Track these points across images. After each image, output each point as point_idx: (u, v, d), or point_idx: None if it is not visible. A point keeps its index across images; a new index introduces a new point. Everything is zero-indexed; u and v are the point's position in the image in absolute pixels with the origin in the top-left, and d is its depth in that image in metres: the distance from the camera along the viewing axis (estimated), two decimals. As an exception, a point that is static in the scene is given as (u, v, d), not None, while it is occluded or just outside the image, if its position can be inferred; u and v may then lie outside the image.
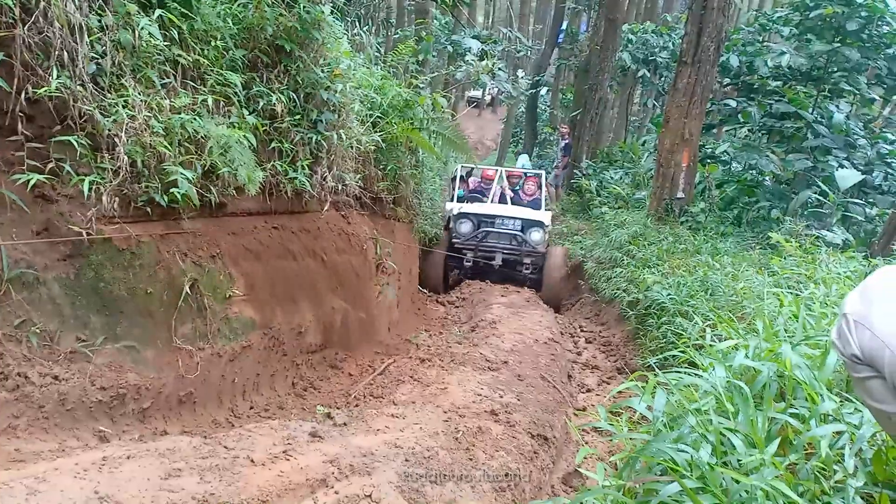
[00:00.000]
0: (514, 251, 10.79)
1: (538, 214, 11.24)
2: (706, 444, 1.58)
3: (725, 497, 1.46)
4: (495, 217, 10.95)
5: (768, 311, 3.37)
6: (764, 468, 1.49)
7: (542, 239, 10.82)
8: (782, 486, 1.38)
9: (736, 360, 1.91)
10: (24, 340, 3.49)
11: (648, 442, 1.73)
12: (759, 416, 1.67)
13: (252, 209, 5.09)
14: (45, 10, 3.55)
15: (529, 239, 10.74)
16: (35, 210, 3.65)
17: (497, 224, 10.87)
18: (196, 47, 4.50)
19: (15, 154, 3.56)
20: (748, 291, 5.60)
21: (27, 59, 3.52)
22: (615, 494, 1.74)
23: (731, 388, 1.77)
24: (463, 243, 10.79)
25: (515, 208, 11.41)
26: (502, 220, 10.91)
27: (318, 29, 5.36)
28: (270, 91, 5.07)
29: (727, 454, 1.60)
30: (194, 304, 4.40)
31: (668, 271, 7.77)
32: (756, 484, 1.40)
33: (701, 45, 9.89)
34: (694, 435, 1.66)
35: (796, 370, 1.96)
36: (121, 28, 3.93)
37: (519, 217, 10.96)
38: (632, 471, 1.79)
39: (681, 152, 10.43)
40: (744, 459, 1.53)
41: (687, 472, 1.54)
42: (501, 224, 10.88)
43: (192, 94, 4.35)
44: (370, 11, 17.01)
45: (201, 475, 2.87)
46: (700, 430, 1.65)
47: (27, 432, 3.32)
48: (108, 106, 3.84)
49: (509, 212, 11.12)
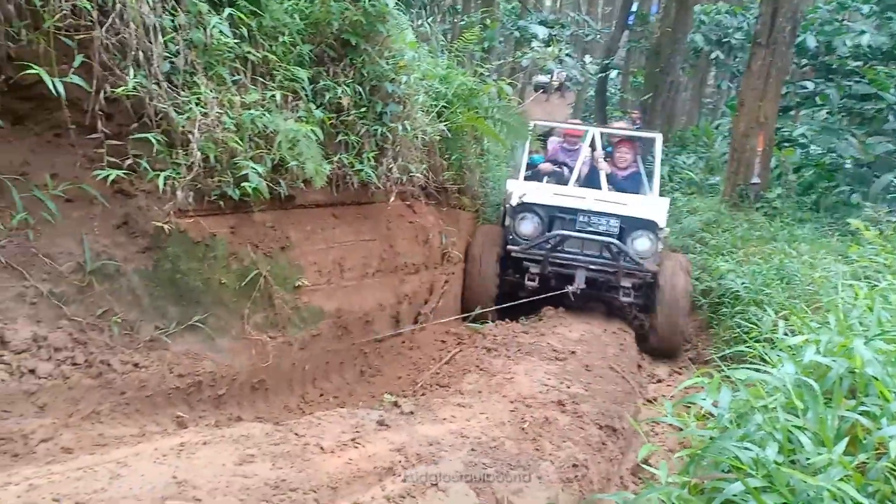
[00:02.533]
0: (605, 267, 6.95)
1: (646, 207, 7.25)
2: (773, 442, 1.55)
3: (792, 497, 1.42)
4: (578, 212, 7.08)
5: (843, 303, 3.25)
6: (831, 468, 1.44)
7: (652, 249, 6.91)
8: (848, 487, 1.34)
9: (806, 356, 1.86)
10: (107, 329, 3.66)
11: (713, 439, 1.71)
12: (829, 414, 1.62)
13: (320, 201, 5.18)
14: (122, 12, 3.68)
15: (633, 249, 6.89)
16: (115, 205, 3.81)
17: (581, 224, 7.04)
18: (264, 44, 4.60)
19: (96, 151, 3.72)
20: (825, 281, 5.42)
21: (105, 59, 3.66)
22: (680, 492, 1.72)
23: (801, 384, 1.72)
24: (524, 252, 7.07)
25: (612, 197, 7.45)
26: (589, 218, 7.04)
27: (383, 22, 5.41)
28: (336, 85, 5.14)
29: (795, 452, 1.56)
30: (265, 294, 4.52)
31: (743, 259, 7.59)
32: (822, 485, 1.36)
33: (776, 26, 9.55)
34: (761, 433, 1.63)
35: (868, 367, 1.89)
36: (193, 27, 4.05)
37: (616, 214, 7.03)
38: (697, 468, 1.77)
39: (756, 136, 10.13)
40: (812, 458, 1.49)
41: (752, 470, 1.51)
42: (587, 223, 7.03)
43: (261, 89, 4.45)
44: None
45: (273, 461, 2.96)
46: (767, 427, 1.62)
47: (110, 417, 3.48)
48: (181, 103, 3.96)
49: (601, 205, 7.13)
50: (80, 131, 3.66)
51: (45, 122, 3.64)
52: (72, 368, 3.42)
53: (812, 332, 2.36)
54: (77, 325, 3.54)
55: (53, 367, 3.34)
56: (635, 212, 7.07)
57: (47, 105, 3.56)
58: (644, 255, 6.88)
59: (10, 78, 3.43)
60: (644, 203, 7.40)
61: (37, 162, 3.60)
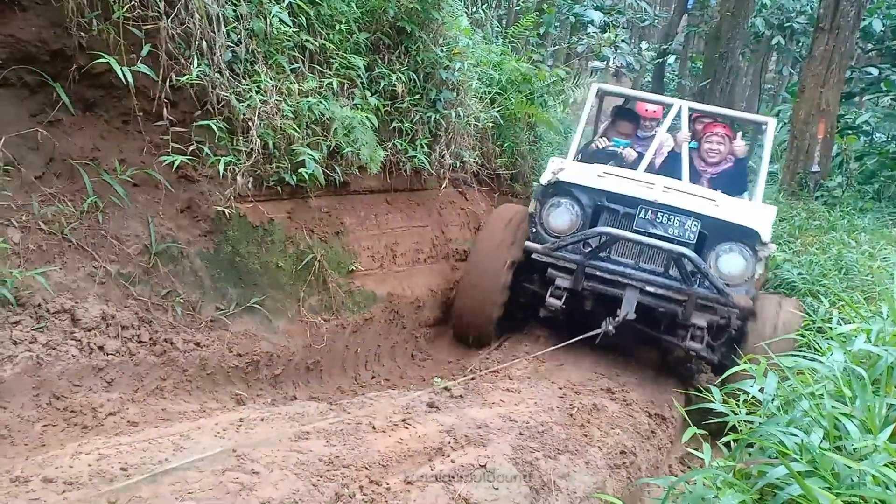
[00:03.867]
0: (669, 292, 4.82)
1: (744, 210, 4.96)
2: (818, 428, 1.56)
3: (836, 481, 1.44)
4: (639, 204, 4.92)
5: (898, 293, 3.21)
6: (876, 454, 1.46)
7: (747, 273, 4.77)
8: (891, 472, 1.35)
9: (856, 345, 1.86)
10: (170, 309, 3.82)
11: (759, 425, 1.73)
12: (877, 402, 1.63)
13: (374, 187, 5.28)
14: (187, 3, 3.81)
15: (716, 270, 4.78)
16: (179, 189, 3.96)
17: (641, 222, 4.90)
18: (322, 32, 4.69)
19: (161, 137, 3.87)
20: (884, 271, 5.30)
21: (171, 49, 3.80)
22: (725, 476, 1.75)
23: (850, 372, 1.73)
24: (550, 254, 5.02)
25: (694, 189, 5.09)
26: (655, 215, 4.88)
27: (438, 9, 5.46)
28: (391, 72, 5.22)
29: (841, 439, 1.58)
30: (320, 278, 4.64)
31: (801, 249, 7.43)
32: (865, 469, 1.38)
33: (840, 10, 9.28)
34: (807, 419, 1.64)
35: (919, 355, 1.88)
36: (254, 17, 4.17)
37: (698, 213, 4.84)
38: (744, 453, 1.80)
39: (816, 123, 9.88)
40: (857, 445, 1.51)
41: (797, 455, 1.53)
42: (650, 223, 4.88)
43: (318, 77, 4.55)
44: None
45: (327, 439, 3.06)
46: (813, 414, 1.63)
47: (173, 394, 3.64)
48: (242, 91, 4.09)
49: (675, 197, 4.91)
50: (147, 118, 3.81)
51: (113, 109, 3.80)
52: (137, 346, 3.59)
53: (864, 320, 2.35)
54: (143, 305, 3.70)
55: (120, 344, 3.51)
56: (727, 214, 4.72)
57: (116, 93, 3.72)
58: (733, 281, 4.67)
59: (81, 67, 3.59)
60: (741, 206, 5.03)
61: (106, 148, 3.77)
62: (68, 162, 3.61)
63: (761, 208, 5.10)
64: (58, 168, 3.61)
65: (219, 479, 2.54)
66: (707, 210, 4.79)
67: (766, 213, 4.96)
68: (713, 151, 5.71)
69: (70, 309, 3.37)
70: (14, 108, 3.51)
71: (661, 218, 4.84)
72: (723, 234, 4.74)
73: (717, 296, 4.68)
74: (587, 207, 5.05)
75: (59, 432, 3.01)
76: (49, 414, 3.08)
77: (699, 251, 4.77)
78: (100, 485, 2.37)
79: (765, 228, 4.73)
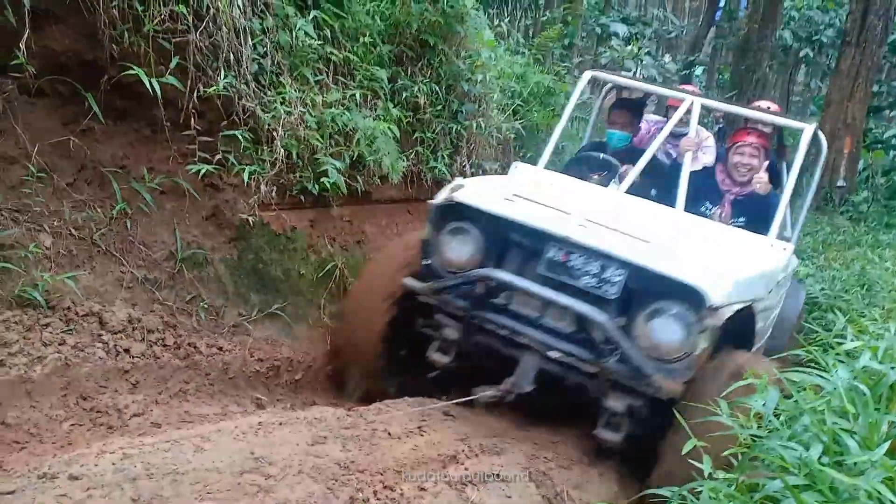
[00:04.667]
0: (576, 362, 3.44)
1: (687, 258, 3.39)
2: (818, 443, 1.60)
3: (834, 496, 1.47)
4: (548, 240, 3.51)
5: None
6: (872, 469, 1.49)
7: (684, 346, 3.26)
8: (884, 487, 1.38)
9: (860, 362, 1.89)
10: (195, 314, 3.91)
11: (761, 438, 1.77)
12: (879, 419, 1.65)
13: (395, 197, 5.36)
14: (215, 16, 3.91)
15: (644, 340, 3.34)
16: (204, 197, 4.07)
17: (548, 264, 3.50)
18: (346, 44, 4.79)
19: (188, 147, 3.98)
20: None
21: (199, 61, 3.90)
22: (727, 489, 1.79)
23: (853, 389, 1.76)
24: (433, 296, 3.75)
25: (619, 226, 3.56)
26: (567, 255, 3.47)
27: (461, 22, 5.54)
28: (414, 84, 5.30)
29: (842, 454, 1.61)
30: (341, 286, 4.72)
31: (823, 264, 7.40)
32: (858, 484, 1.41)
33: (867, 24, 9.24)
34: (808, 434, 1.68)
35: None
36: (280, 30, 4.27)
37: (621, 258, 3.36)
38: (746, 466, 1.83)
39: (843, 138, 9.82)
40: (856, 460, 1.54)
41: (796, 469, 1.57)
42: (561, 266, 3.48)
43: (342, 89, 4.65)
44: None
45: (343, 444, 3.12)
46: (814, 429, 1.67)
47: (195, 396, 3.73)
48: (267, 102, 4.19)
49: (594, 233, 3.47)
50: (175, 128, 3.92)
51: (143, 119, 3.91)
52: (162, 349, 3.69)
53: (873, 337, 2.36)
54: (168, 309, 3.80)
55: (146, 347, 3.61)
56: (662, 262, 3.28)
57: (145, 103, 3.83)
58: (665, 356, 3.29)
59: (112, 77, 3.71)
60: (692, 249, 3.58)
61: (135, 156, 3.88)
62: (99, 169, 3.73)
63: (754, 254, 3.80)
64: (89, 175, 3.73)
65: (237, 481, 2.61)
66: (636, 255, 3.31)
67: (751, 263, 3.62)
68: (743, 166, 4.42)
69: (98, 312, 3.47)
70: (48, 117, 3.64)
71: (576, 261, 3.42)
72: (657, 289, 3.26)
73: (633, 376, 3.27)
74: (491, 237, 3.66)
75: (86, 431, 3.10)
76: (76, 413, 3.17)
77: (626, 311, 3.40)
78: (123, 483, 2.45)
79: (718, 286, 3.15)
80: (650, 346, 3.29)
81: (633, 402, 3.41)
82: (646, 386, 3.27)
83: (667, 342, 3.26)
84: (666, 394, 3.22)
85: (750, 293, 3.44)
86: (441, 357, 3.82)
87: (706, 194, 4.50)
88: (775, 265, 3.89)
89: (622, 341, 3.27)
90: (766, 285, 3.69)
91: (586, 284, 3.40)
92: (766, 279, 3.70)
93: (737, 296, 3.28)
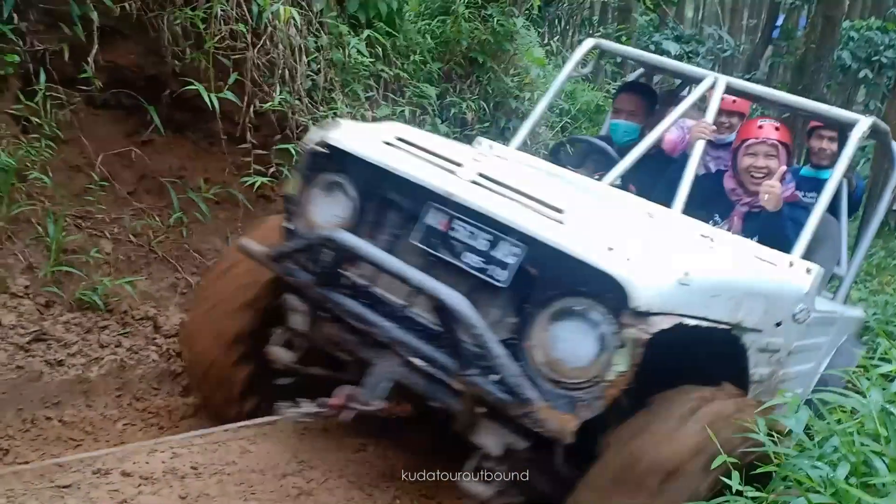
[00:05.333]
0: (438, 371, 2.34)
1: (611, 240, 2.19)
2: (845, 463, 1.60)
3: (860, 517, 1.49)
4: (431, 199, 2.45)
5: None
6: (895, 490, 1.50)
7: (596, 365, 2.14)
8: (903, 508, 1.39)
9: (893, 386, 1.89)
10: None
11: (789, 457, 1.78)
12: (912, 442, 1.66)
13: (442, 211, 5.43)
14: (272, 35, 4.06)
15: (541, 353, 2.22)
16: (257, 208, 4.20)
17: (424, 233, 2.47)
18: (397, 62, 4.90)
19: (243, 159, 4.12)
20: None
21: (255, 77, 4.05)
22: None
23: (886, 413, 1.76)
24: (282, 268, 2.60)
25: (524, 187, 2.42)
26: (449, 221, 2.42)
27: (511, 40, 5.62)
28: (462, 100, 5.39)
29: (871, 475, 1.62)
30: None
31: (877, 288, 7.23)
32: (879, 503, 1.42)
33: (929, 43, 9.00)
34: (837, 455, 1.69)
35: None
36: (333, 48, 4.40)
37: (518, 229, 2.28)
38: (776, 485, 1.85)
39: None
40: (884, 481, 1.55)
41: (822, 488, 1.58)
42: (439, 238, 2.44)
43: (391, 105, 4.75)
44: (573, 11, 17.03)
45: (385, 451, 3.19)
46: (844, 450, 1.68)
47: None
48: (320, 117, 4.31)
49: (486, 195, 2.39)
50: (231, 141, 4.07)
51: (201, 131, 4.08)
52: (213, 354, 3.80)
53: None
54: (219, 316, 3.93)
55: (197, 351, 3.73)
56: (574, 238, 2.20)
57: (204, 117, 4.00)
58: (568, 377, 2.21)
59: (173, 92, 3.88)
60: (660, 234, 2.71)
61: (192, 167, 4.05)
62: (158, 179, 3.90)
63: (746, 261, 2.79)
64: (148, 185, 3.90)
65: (280, 483, 2.70)
66: (539, 226, 2.26)
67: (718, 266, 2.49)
68: (757, 170, 3.35)
69: (153, 316, 3.61)
70: (112, 128, 3.83)
71: (460, 231, 2.40)
72: (567, 280, 2.22)
73: (507, 400, 2.17)
74: (373, 196, 2.64)
75: (137, 431, 3.22)
76: (129, 413, 3.29)
77: (521, 306, 2.32)
78: (172, 481, 2.56)
79: (650, 280, 2.09)
80: (548, 362, 2.20)
81: (514, 442, 2.34)
82: (524, 417, 2.14)
83: (571, 357, 2.17)
84: (553, 431, 2.12)
85: (724, 310, 2.31)
86: (284, 354, 2.86)
87: (716, 204, 3.54)
88: (790, 291, 2.77)
89: (490, 345, 2.14)
90: (768, 313, 2.57)
91: (469, 264, 2.35)
92: (769, 304, 2.58)
93: (689, 304, 2.17)
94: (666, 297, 2.10)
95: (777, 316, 2.67)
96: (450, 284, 2.24)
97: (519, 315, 2.32)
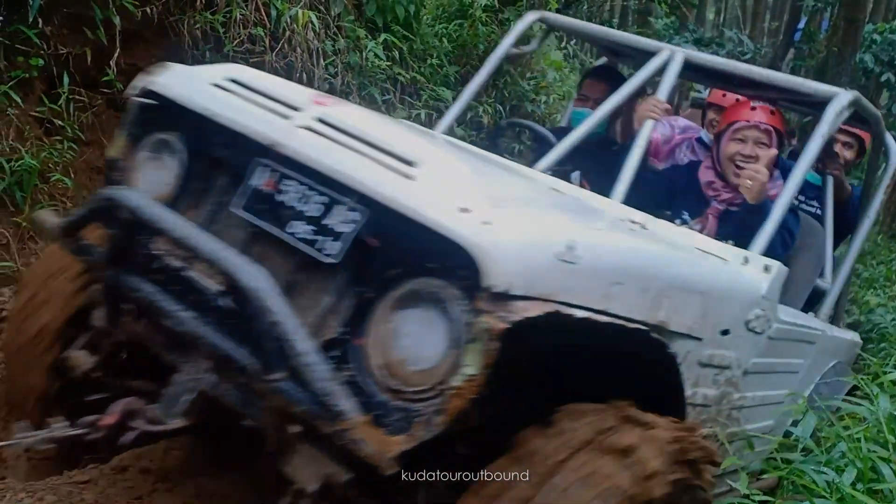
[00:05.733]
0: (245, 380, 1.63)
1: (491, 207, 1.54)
2: (852, 468, 1.62)
3: (865, 521, 1.50)
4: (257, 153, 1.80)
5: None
6: (901, 496, 1.51)
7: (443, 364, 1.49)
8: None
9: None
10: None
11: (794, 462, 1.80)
12: (918, 450, 1.67)
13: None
14: (290, 38, 4.11)
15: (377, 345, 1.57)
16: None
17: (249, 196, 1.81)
18: (414, 65, 4.94)
19: (260, 161, 4.17)
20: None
21: (273, 80, 4.10)
22: (763, 510, 1.81)
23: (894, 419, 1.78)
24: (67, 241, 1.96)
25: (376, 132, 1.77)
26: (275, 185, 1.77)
27: (526, 43, 5.62)
28: (479, 104, 5.41)
29: (878, 481, 1.63)
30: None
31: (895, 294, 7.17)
32: (884, 510, 1.44)
33: (952, 47, 8.91)
34: (843, 460, 1.70)
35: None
36: (350, 51, 4.44)
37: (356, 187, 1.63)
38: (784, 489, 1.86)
39: (922, 164, 9.48)
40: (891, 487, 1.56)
41: (827, 493, 1.59)
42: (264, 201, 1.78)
43: (407, 108, 4.79)
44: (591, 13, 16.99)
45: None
46: (851, 456, 1.69)
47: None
48: (336, 120, 4.35)
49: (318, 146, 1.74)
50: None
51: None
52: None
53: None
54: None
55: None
56: (424, 197, 1.56)
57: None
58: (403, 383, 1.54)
59: (193, 95, 3.92)
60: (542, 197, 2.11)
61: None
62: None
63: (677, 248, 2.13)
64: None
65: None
66: (380, 184, 1.64)
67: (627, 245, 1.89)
68: (744, 160, 2.81)
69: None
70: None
71: (289, 192, 1.78)
72: (415, 252, 1.58)
73: (315, 412, 1.51)
74: (201, 156, 2.03)
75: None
76: (147, 411, 3.35)
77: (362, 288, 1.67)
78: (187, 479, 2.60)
79: (514, 251, 1.49)
80: (386, 364, 1.58)
81: (334, 473, 1.66)
82: (335, 437, 1.51)
83: (415, 357, 1.56)
84: (370, 456, 1.47)
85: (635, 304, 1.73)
86: (84, 357, 2.23)
87: (686, 200, 2.99)
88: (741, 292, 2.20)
89: (291, 337, 1.53)
90: (708, 316, 2.00)
91: (295, 234, 1.73)
92: (709, 305, 2.00)
93: (575, 289, 1.59)
94: (536, 274, 1.51)
95: (723, 322, 2.07)
96: (278, 264, 1.72)
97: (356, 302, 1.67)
